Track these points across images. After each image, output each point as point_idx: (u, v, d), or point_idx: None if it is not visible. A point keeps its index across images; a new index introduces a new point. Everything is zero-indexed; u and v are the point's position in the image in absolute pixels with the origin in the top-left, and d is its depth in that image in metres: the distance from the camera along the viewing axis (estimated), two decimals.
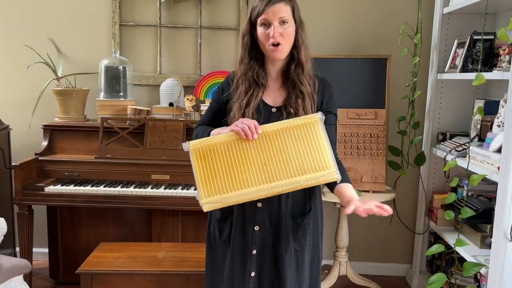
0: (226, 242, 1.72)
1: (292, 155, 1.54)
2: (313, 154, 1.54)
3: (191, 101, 2.93)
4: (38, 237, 3.10)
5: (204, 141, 1.58)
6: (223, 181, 1.54)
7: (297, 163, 1.53)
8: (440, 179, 2.96)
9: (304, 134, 1.56)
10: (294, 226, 1.69)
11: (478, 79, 2.16)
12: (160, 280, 2.22)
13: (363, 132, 2.83)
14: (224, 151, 1.56)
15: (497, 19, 2.72)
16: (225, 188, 1.53)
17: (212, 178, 1.54)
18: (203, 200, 1.54)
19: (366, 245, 3.32)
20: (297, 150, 1.54)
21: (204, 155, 1.56)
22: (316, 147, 1.55)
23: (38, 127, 3.01)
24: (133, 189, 2.64)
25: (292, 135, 1.56)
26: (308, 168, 1.53)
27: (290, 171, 1.53)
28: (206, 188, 1.54)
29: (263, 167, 1.53)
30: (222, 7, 3.17)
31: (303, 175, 1.52)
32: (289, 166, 1.53)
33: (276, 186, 1.52)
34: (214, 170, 1.54)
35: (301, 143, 1.55)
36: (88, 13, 3.18)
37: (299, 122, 1.57)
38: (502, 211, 1.93)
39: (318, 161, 1.53)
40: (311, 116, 1.59)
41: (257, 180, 1.52)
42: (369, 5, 3.12)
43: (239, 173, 1.53)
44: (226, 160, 1.55)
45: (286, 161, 1.53)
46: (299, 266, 1.72)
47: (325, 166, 1.53)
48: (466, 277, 2.53)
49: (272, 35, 1.59)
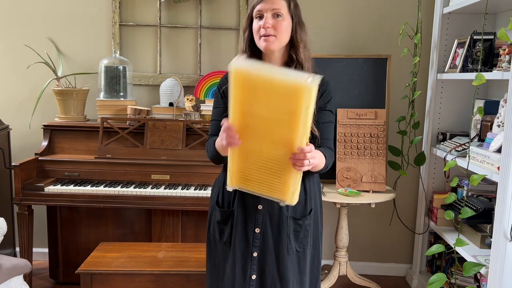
0: (226, 244, 1.71)
1: (273, 112, 1.39)
2: (280, 93, 1.36)
3: (191, 101, 2.93)
4: (38, 237, 3.10)
5: (231, 173, 1.52)
6: (276, 179, 1.49)
7: (284, 112, 1.38)
8: (440, 179, 2.96)
9: (251, 89, 1.39)
10: (295, 228, 1.69)
11: (478, 79, 2.16)
12: (160, 280, 2.22)
13: (363, 132, 2.83)
14: (247, 164, 1.50)
15: (497, 19, 2.72)
16: (284, 181, 1.48)
17: (270, 184, 1.50)
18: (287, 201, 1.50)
19: (366, 245, 3.32)
20: (269, 105, 1.39)
21: (244, 179, 1.52)
22: (271, 86, 1.37)
23: (38, 127, 3.01)
24: (133, 189, 2.64)
25: (250, 101, 1.41)
26: (292, 106, 1.37)
27: (289, 123, 1.40)
28: (277, 193, 1.51)
29: (276, 143, 1.45)
30: (222, 7, 3.17)
31: (299, 115, 1.37)
32: (284, 121, 1.40)
33: (299, 143, 1.41)
34: (263, 179, 1.50)
35: (261, 97, 1.39)
36: (88, 13, 3.18)
37: (233, 86, 1.40)
38: (502, 211, 1.93)
39: (289, 94, 1.35)
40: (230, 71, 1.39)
41: (287, 153, 1.44)
42: (369, 5, 3.12)
43: (274, 163, 1.47)
44: (255, 166, 1.50)
45: (278, 121, 1.40)
46: (301, 266, 1.72)
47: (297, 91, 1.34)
48: (466, 277, 2.54)
49: (263, 25, 1.59)
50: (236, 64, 1.36)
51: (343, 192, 2.74)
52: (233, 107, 1.43)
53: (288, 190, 1.49)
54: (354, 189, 2.76)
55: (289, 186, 1.49)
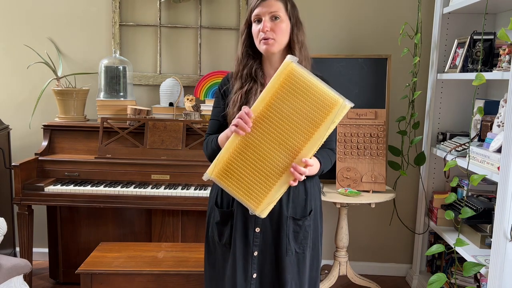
0: (226, 246, 1.71)
1: (296, 116, 1.45)
2: (313, 102, 1.44)
3: (191, 101, 2.93)
4: (38, 237, 3.10)
5: (217, 162, 1.52)
6: (260, 184, 1.49)
7: (306, 121, 1.44)
8: (440, 179, 2.96)
9: (291, 89, 1.46)
10: (295, 228, 1.69)
11: (478, 79, 2.16)
12: (160, 280, 2.22)
13: (363, 132, 2.83)
14: (239, 157, 1.49)
15: (497, 19, 2.72)
16: (266, 188, 1.49)
17: (249, 187, 1.50)
18: (257, 211, 1.51)
19: (366, 245, 3.32)
20: (297, 109, 1.45)
21: (227, 173, 1.51)
22: (310, 93, 1.45)
23: (38, 127, 3.01)
24: (133, 189, 2.64)
25: (283, 98, 1.46)
26: (318, 118, 1.44)
27: (305, 133, 1.44)
28: (251, 199, 1.50)
29: (281, 146, 1.46)
30: (222, 7, 3.17)
31: (319, 128, 1.44)
32: (301, 129, 1.45)
33: (304, 155, 1.46)
34: (245, 180, 1.50)
35: (295, 99, 1.45)
36: (88, 13, 3.18)
37: (278, 79, 1.46)
38: (502, 211, 1.93)
39: (322, 105, 1.44)
40: (283, 65, 1.47)
41: (284, 161, 1.46)
42: (369, 5, 3.12)
43: (267, 166, 1.48)
44: (247, 164, 1.49)
45: (296, 126, 1.45)
46: (300, 268, 1.71)
47: (331, 104, 1.44)
48: (466, 277, 2.54)
49: (262, 29, 1.60)
50: (292, 59, 1.45)
51: (343, 192, 2.74)
52: (264, 96, 1.47)
53: (264, 201, 1.50)
54: (354, 189, 2.76)
55: (267, 197, 1.50)
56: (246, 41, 1.69)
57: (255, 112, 1.47)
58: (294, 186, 1.66)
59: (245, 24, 1.69)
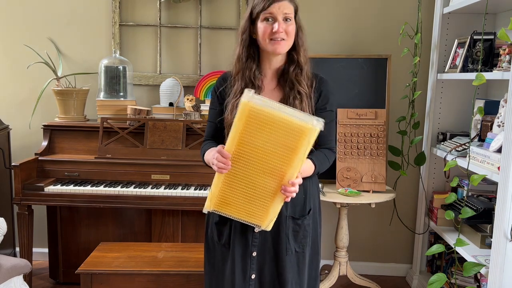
0: (225, 246, 1.71)
1: (271, 146, 1.44)
2: (283, 130, 1.43)
3: (191, 101, 2.93)
4: (38, 237, 3.10)
5: (211, 197, 1.56)
6: (257, 206, 1.54)
7: (283, 147, 1.44)
8: (440, 179, 2.96)
9: (257, 124, 1.44)
10: (294, 227, 1.69)
11: (478, 79, 2.16)
12: (160, 280, 2.22)
13: (363, 132, 2.83)
14: (230, 188, 1.53)
15: (497, 19, 2.72)
16: (264, 208, 1.54)
17: (249, 210, 1.54)
18: (263, 226, 1.57)
19: (366, 245, 3.32)
20: (269, 139, 1.44)
21: (224, 202, 1.56)
22: (276, 123, 1.43)
23: (38, 127, 3.01)
24: (133, 189, 2.64)
25: (252, 133, 1.45)
26: (293, 143, 1.43)
27: (286, 158, 1.45)
28: (255, 218, 1.56)
29: (267, 173, 1.49)
30: (222, 7, 3.17)
31: (297, 152, 1.44)
32: (280, 155, 1.45)
33: (290, 176, 1.48)
34: (243, 205, 1.54)
35: (264, 132, 1.43)
36: (88, 13, 3.18)
37: (240, 121, 1.44)
38: (502, 211, 1.93)
39: (292, 133, 1.43)
40: (241, 106, 1.43)
41: (275, 183, 1.50)
42: (369, 5, 3.12)
43: (259, 191, 1.52)
44: (239, 192, 1.53)
45: (274, 154, 1.45)
46: (300, 267, 1.71)
47: (300, 131, 1.42)
48: (466, 277, 2.54)
49: (277, 30, 1.60)
50: (249, 99, 1.41)
51: (343, 192, 2.74)
52: (233, 135, 1.47)
53: (267, 218, 1.56)
54: (354, 189, 2.76)
55: (269, 214, 1.55)
56: (247, 39, 1.68)
57: (230, 151, 1.48)
58: None
59: (247, 21, 1.67)
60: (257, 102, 1.42)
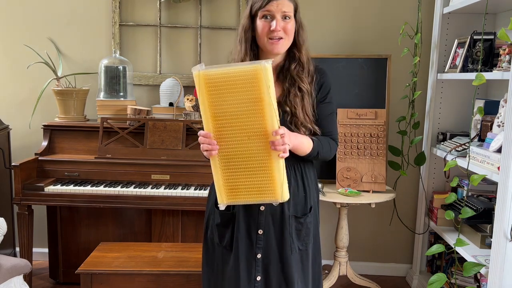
0: (227, 248, 1.70)
1: (239, 106, 1.45)
2: (240, 84, 1.44)
3: (191, 101, 2.93)
4: (38, 237, 3.10)
5: (219, 189, 1.55)
6: (261, 177, 1.51)
7: (249, 102, 1.45)
8: (440, 179, 2.96)
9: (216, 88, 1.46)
10: (297, 226, 1.69)
11: (478, 79, 2.16)
12: (160, 280, 2.22)
13: (363, 132, 2.83)
14: (231, 172, 1.52)
15: (497, 19, 2.72)
16: (268, 176, 1.50)
17: (258, 187, 1.52)
18: (280, 199, 1.52)
19: (366, 245, 3.32)
20: (233, 100, 1.45)
21: (233, 191, 1.54)
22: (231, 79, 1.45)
23: (38, 127, 3.01)
24: (133, 189, 2.64)
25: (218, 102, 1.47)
26: (255, 93, 1.44)
27: (257, 112, 1.45)
28: (268, 193, 1.52)
29: (251, 137, 1.47)
30: (222, 7, 3.17)
31: (263, 100, 1.44)
32: (252, 112, 1.45)
33: (271, 128, 1.46)
34: (250, 184, 1.52)
35: (225, 94, 1.46)
36: (88, 13, 3.18)
37: (201, 92, 1.48)
38: (502, 211, 1.93)
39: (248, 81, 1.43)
40: (195, 79, 1.48)
41: (263, 145, 1.48)
42: (369, 5, 3.12)
43: (254, 160, 1.50)
44: (240, 171, 1.52)
45: (246, 113, 1.45)
46: (304, 265, 1.72)
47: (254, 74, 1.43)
48: (466, 277, 2.53)
49: (274, 28, 1.59)
50: (197, 69, 1.45)
51: (343, 192, 2.74)
52: (204, 113, 1.49)
53: (276, 185, 1.51)
54: (354, 189, 2.76)
55: (276, 180, 1.51)
56: (250, 36, 1.67)
57: (210, 130, 1.50)
58: (294, 184, 1.67)
59: (248, 19, 1.66)
60: (207, 69, 1.45)
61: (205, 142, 1.49)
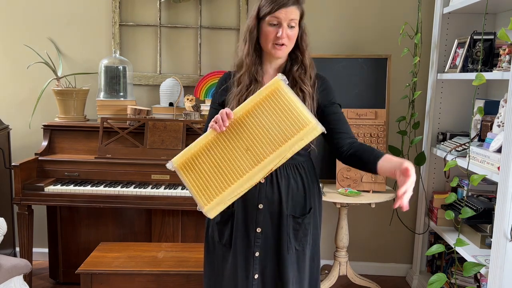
0: (226, 245, 1.71)
1: (270, 127, 1.53)
2: (289, 118, 1.53)
3: (191, 101, 2.93)
4: (38, 237, 3.10)
5: (185, 153, 1.57)
6: (216, 182, 1.53)
7: (277, 133, 1.52)
8: (440, 179, 2.96)
9: (273, 103, 1.55)
10: (295, 226, 1.69)
11: (478, 79, 2.16)
12: (160, 280, 2.22)
13: (363, 132, 2.83)
14: (206, 153, 1.55)
15: (497, 19, 2.72)
16: (220, 187, 1.52)
17: (205, 183, 1.54)
18: (205, 208, 1.53)
19: (366, 245, 3.32)
20: (272, 121, 1.54)
21: (190, 166, 1.56)
22: (289, 110, 1.53)
23: (38, 127, 3.01)
24: (133, 189, 2.64)
25: (263, 109, 1.55)
26: (289, 133, 1.52)
27: (274, 144, 1.52)
28: (204, 196, 1.53)
29: (247, 151, 1.52)
30: (222, 7, 3.17)
31: (287, 142, 1.51)
32: (271, 139, 1.52)
33: (267, 164, 1.51)
34: (204, 176, 1.54)
35: (274, 112, 1.54)
36: (88, 13, 3.18)
37: (264, 92, 1.56)
38: (502, 211, 1.93)
39: (296, 122, 1.52)
40: (273, 81, 1.57)
41: (246, 166, 1.52)
42: (369, 5, 3.12)
43: (228, 166, 1.53)
44: (211, 160, 1.54)
45: (267, 136, 1.53)
46: (300, 265, 1.72)
47: (304, 124, 1.52)
48: (466, 277, 2.54)
49: (280, 36, 1.62)
50: (281, 78, 1.56)
51: (343, 192, 2.74)
52: (247, 102, 1.56)
53: (215, 198, 1.53)
54: (354, 189, 2.76)
55: (219, 197, 1.53)
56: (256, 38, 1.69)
57: (235, 115, 1.55)
58: (293, 184, 1.68)
59: (255, 20, 1.68)
60: (285, 85, 1.56)
61: (223, 117, 1.52)
